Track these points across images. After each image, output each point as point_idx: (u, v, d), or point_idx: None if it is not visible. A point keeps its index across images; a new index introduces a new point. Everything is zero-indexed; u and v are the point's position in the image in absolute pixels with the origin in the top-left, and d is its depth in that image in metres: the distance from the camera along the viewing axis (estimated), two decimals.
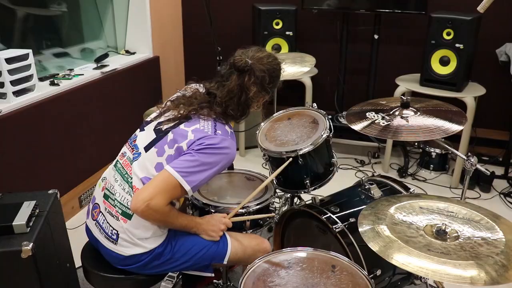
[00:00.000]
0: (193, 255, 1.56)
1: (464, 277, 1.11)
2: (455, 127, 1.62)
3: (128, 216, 1.48)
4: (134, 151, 1.55)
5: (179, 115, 1.54)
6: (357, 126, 1.73)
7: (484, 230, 1.30)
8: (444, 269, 1.14)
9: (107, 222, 1.53)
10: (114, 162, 1.62)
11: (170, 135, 1.50)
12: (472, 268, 1.14)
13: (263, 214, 1.80)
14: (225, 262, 1.60)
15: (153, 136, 1.54)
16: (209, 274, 1.64)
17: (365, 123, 1.74)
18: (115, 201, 1.51)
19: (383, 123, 1.71)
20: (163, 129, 1.54)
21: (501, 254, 1.19)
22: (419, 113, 1.73)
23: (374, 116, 1.77)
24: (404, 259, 1.19)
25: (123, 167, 1.55)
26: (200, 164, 1.43)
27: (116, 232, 1.50)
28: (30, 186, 2.35)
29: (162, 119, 1.58)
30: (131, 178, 1.50)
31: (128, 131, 3.55)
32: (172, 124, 1.53)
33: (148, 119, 1.63)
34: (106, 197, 1.56)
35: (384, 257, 1.21)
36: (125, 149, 1.61)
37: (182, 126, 1.51)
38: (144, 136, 1.56)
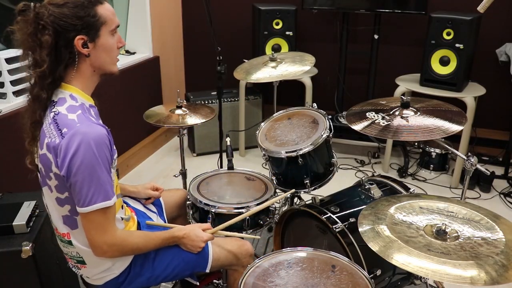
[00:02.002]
0: (173, 267, 1.51)
1: (464, 277, 1.11)
2: (455, 127, 1.62)
3: (83, 262, 1.42)
4: (45, 205, 1.42)
5: (31, 137, 1.33)
6: (357, 126, 1.73)
7: (484, 230, 1.30)
8: (444, 269, 1.14)
9: (77, 269, 1.48)
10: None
11: (41, 168, 1.31)
12: (472, 268, 1.14)
13: (247, 235, 1.80)
14: (207, 271, 1.56)
15: (39, 175, 1.36)
16: (194, 282, 1.62)
17: (365, 123, 1.74)
18: (67, 255, 1.45)
19: (383, 123, 1.70)
20: (36, 163, 1.35)
21: (501, 254, 1.19)
22: (419, 113, 1.73)
23: (374, 116, 1.77)
24: (404, 259, 1.19)
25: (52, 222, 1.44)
26: (89, 179, 1.23)
27: (85, 274, 1.46)
28: (30, 186, 2.34)
29: (33, 152, 1.36)
30: (58, 235, 1.41)
31: (128, 131, 3.55)
32: (36, 155, 1.34)
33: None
34: (62, 249, 1.49)
35: (384, 257, 1.21)
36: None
37: (39, 151, 1.29)
38: (40, 181, 1.38)
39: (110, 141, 1.30)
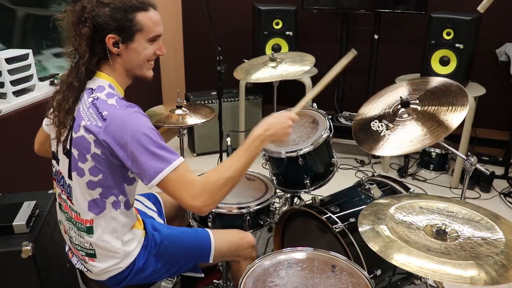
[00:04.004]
0: (176, 260, 1.52)
1: (464, 277, 1.11)
2: (457, 117, 1.56)
3: (93, 255, 1.42)
4: (65, 192, 1.40)
5: (61, 125, 1.34)
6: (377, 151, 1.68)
7: (484, 230, 1.30)
8: (444, 269, 1.14)
9: (81, 263, 1.48)
10: (57, 205, 1.48)
11: (74, 151, 1.32)
12: (472, 268, 1.14)
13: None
14: (210, 261, 1.57)
15: (67, 160, 1.36)
16: (198, 275, 1.62)
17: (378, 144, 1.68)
18: (77, 246, 1.44)
19: (388, 134, 1.67)
20: (67, 147, 1.35)
21: (501, 254, 1.19)
22: (420, 108, 1.69)
23: (378, 126, 1.73)
24: (404, 259, 1.19)
25: (66, 212, 1.43)
26: (143, 151, 1.24)
27: (89, 270, 1.46)
28: (30, 186, 2.35)
29: (61, 137, 1.37)
30: (76, 222, 1.40)
31: None
32: (66, 137, 1.35)
33: (53, 147, 1.43)
34: (69, 241, 1.49)
35: (384, 257, 1.21)
36: (58, 190, 1.45)
37: (73, 134, 1.31)
38: (62, 167, 1.39)
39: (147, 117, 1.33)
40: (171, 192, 1.28)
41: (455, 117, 1.58)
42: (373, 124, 1.76)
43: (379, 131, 1.72)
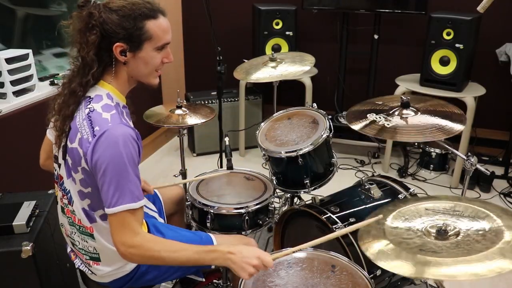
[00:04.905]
0: (179, 265, 1.50)
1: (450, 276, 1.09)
2: (456, 127, 1.59)
3: (97, 259, 1.41)
4: (66, 197, 1.39)
5: (60, 131, 1.33)
6: (357, 126, 1.71)
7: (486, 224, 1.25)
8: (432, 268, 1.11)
9: (85, 266, 1.47)
10: (59, 208, 1.47)
11: (68, 159, 1.32)
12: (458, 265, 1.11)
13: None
14: (213, 266, 1.55)
15: (65, 166, 1.36)
16: (200, 279, 1.61)
17: (364, 123, 1.72)
18: (81, 250, 1.43)
19: (387, 124, 1.67)
20: (65, 154, 1.35)
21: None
22: (419, 112, 1.71)
23: (375, 118, 1.74)
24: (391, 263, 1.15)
25: (69, 217, 1.42)
26: (116, 179, 1.21)
27: (94, 273, 1.45)
28: (30, 186, 2.35)
29: (61, 143, 1.36)
30: (79, 226, 1.39)
31: None
32: (63, 144, 1.34)
33: (54, 151, 1.43)
34: (72, 244, 1.47)
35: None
36: (59, 193, 1.44)
37: (69, 144, 1.30)
38: (62, 172, 1.38)
39: (138, 143, 1.29)
40: (113, 227, 1.24)
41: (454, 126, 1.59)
42: (369, 115, 1.76)
43: (376, 120, 1.72)
